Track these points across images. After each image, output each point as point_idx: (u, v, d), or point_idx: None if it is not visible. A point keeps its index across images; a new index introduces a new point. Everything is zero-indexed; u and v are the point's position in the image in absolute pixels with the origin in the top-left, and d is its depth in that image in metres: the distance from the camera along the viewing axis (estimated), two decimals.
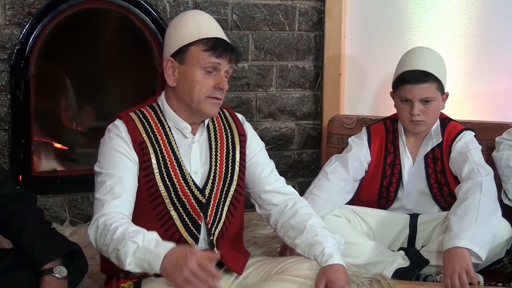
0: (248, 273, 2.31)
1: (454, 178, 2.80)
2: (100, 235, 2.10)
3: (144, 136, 2.24)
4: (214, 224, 2.27)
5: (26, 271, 2.14)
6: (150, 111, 2.30)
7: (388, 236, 2.83)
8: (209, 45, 2.22)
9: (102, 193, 2.17)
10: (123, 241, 2.01)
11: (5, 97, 3.09)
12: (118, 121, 2.26)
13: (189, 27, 2.26)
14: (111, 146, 2.22)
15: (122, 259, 2.00)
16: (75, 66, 3.46)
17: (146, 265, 1.99)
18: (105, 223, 2.10)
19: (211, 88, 2.23)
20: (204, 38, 2.23)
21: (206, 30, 2.26)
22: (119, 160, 2.20)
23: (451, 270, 2.43)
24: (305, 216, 2.35)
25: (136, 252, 1.99)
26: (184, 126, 2.29)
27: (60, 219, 3.21)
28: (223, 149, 2.34)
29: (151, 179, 2.22)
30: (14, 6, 3.06)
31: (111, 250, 2.05)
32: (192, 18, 2.30)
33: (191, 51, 2.23)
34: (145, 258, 1.99)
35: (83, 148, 3.49)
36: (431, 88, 2.74)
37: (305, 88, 3.70)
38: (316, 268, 2.22)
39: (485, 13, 3.50)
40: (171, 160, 2.25)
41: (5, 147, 3.12)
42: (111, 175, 2.18)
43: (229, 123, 2.41)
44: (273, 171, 2.45)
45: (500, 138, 2.94)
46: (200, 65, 2.22)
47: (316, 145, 3.74)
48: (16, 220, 2.22)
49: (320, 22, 3.64)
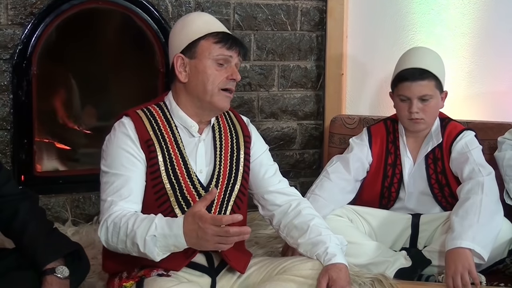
0: (250, 273, 2.31)
1: (455, 178, 2.80)
2: (112, 235, 2.11)
3: (151, 133, 2.24)
4: None
5: (28, 271, 2.14)
6: (157, 110, 2.31)
7: (390, 236, 2.83)
8: (219, 37, 2.25)
9: (109, 194, 2.17)
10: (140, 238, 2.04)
11: (7, 97, 3.09)
12: (125, 118, 2.26)
13: (195, 24, 2.28)
14: (118, 145, 2.21)
15: (149, 254, 2.05)
16: (77, 66, 3.46)
17: (173, 247, 2.05)
18: (114, 221, 2.11)
19: (224, 79, 2.25)
20: (213, 32, 2.26)
21: (214, 25, 2.29)
22: (126, 159, 2.20)
23: (453, 270, 2.43)
24: (309, 216, 2.35)
25: (157, 242, 2.03)
26: (192, 124, 2.29)
27: (62, 219, 3.21)
28: (227, 149, 2.35)
29: (157, 176, 2.22)
30: (16, 6, 3.07)
31: (129, 245, 2.07)
32: (197, 16, 2.34)
33: (201, 45, 2.25)
34: (168, 243, 2.03)
35: (85, 148, 3.49)
36: (429, 86, 2.75)
37: (307, 88, 3.69)
38: (318, 268, 2.22)
39: (487, 13, 3.50)
40: (177, 158, 2.25)
41: (7, 147, 3.12)
42: (118, 176, 2.18)
43: (234, 124, 2.41)
44: (276, 172, 2.46)
45: (502, 138, 2.94)
46: (212, 57, 2.24)
47: (318, 145, 3.74)
48: (18, 220, 2.22)
49: (322, 22, 3.64)
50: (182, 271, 2.23)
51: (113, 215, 2.12)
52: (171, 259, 2.15)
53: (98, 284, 2.47)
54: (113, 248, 2.14)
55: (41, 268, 2.14)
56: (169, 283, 2.09)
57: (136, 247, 2.06)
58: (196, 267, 2.25)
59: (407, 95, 2.76)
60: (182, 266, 2.22)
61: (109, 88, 3.57)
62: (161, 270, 2.18)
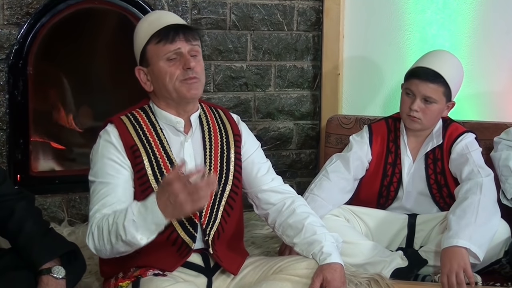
0: (246, 272, 2.31)
1: (454, 179, 2.81)
2: (98, 238, 2.12)
3: (136, 139, 2.24)
4: (209, 224, 2.27)
5: (24, 271, 2.14)
6: (142, 113, 2.32)
7: (387, 236, 2.83)
8: (159, 36, 2.24)
9: (95, 203, 2.18)
10: (121, 227, 2.04)
11: (3, 97, 3.09)
12: (109, 126, 2.27)
13: (141, 31, 2.30)
14: (102, 154, 2.23)
15: (132, 240, 2.04)
16: (73, 66, 3.46)
17: (154, 226, 2.03)
18: (97, 225, 2.12)
19: (180, 72, 2.23)
20: (153, 32, 2.25)
21: (155, 24, 2.27)
22: (111, 167, 2.20)
23: (449, 268, 2.43)
24: (303, 214, 2.35)
25: (137, 225, 2.02)
26: (177, 120, 2.29)
27: (58, 219, 3.21)
28: (217, 149, 2.34)
29: (145, 181, 2.22)
30: (12, 6, 3.06)
31: (114, 240, 2.07)
32: (143, 21, 2.34)
33: (148, 51, 2.26)
34: (147, 223, 2.02)
35: (81, 148, 3.49)
36: (437, 90, 2.75)
37: (303, 88, 3.69)
38: (314, 267, 2.22)
39: (483, 13, 3.50)
40: (164, 160, 2.25)
41: (3, 147, 3.12)
42: (103, 184, 2.19)
43: (223, 123, 2.40)
44: (269, 170, 2.45)
45: (498, 138, 2.94)
46: (161, 58, 2.23)
47: (315, 145, 3.74)
48: (14, 220, 2.22)
49: (319, 22, 3.64)
50: (178, 271, 2.23)
51: (96, 221, 2.13)
52: (166, 259, 2.15)
53: (95, 284, 2.47)
54: (103, 253, 2.14)
55: (37, 268, 2.14)
56: (165, 283, 2.09)
57: (120, 238, 2.05)
58: (192, 267, 2.25)
59: (413, 91, 2.77)
60: (177, 266, 2.22)
61: (105, 88, 3.57)
62: (157, 270, 2.18)
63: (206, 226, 2.26)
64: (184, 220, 2.23)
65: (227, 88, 3.54)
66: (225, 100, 3.52)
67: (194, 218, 2.24)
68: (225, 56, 3.50)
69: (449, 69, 2.79)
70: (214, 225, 2.28)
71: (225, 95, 3.53)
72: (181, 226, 2.23)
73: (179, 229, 2.23)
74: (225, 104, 3.49)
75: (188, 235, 2.23)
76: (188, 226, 2.24)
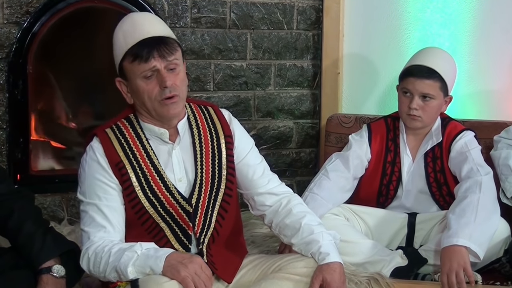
0: (245, 271, 2.30)
1: (453, 177, 2.81)
2: (94, 264, 2.12)
3: (122, 154, 2.21)
4: (203, 233, 2.25)
5: (24, 270, 2.14)
6: (126, 124, 2.26)
7: (386, 235, 2.83)
8: (133, 54, 2.14)
9: (86, 224, 2.18)
10: (121, 255, 2.06)
11: (3, 96, 3.09)
12: (94, 141, 2.22)
13: (119, 42, 2.20)
14: (90, 173, 2.20)
15: (123, 270, 2.05)
16: (73, 65, 3.45)
17: (148, 269, 2.05)
18: (95, 251, 2.12)
19: (157, 91, 2.16)
20: (128, 48, 2.16)
21: (130, 37, 2.17)
22: (99, 188, 2.19)
23: (449, 267, 2.43)
24: (300, 214, 2.32)
25: (136, 260, 2.05)
26: (161, 132, 2.24)
27: (58, 218, 3.21)
28: (208, 154, 2.29)
29: (134, 198, 2.20)
30: (12, 5, 3.06)
31: (109, 271, 2.09)
32: (119, 30, 2.22)
33: (125, 67, 2.19)
34: (146, 264, 2.05)
35: (81, 147, 3.47)
36: (434, 86, 2.75)
37: (303, 87, 3.69)
38: (313, 265, 2.22)
39: (483, 11, 3.50)
40: (152, 173, 2.22)
41: (3, 146, 3.12)
42: (92, 205, 2.18)
43: (214, 124, 2.34)
44: (265, 171, 2.39)
45: (498, 136, 2.94)
46: (137, 76, 2.16)
47: (314, 144, 3.74)
48: (14, 219, 2.22)
49: (318, 21, 3.64)
50: None
51: (94, 245, 2.13)
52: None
53: (94, 284, 2.47)
54: (96, 276, 2.16)
55: (37, 267, 2.14)
56: (164, 278, 2.07)
57: (115, 269, 2.07)
58: None
59: (410, 90, 2.77)
60: None
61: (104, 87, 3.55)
62: None
63: (199, 235, 2.24)
64: (177, 231, 2.22)
65: (227, 87, 3.53)
66: (225, 99, 3.52)
67: (187, 229, 2.23)
68: (225, 55, 3.50)
69: (442, 64, 2.79)
70: (208, 232, 2.26)
71: (225, 94, 3.53)
72: (174, 237, 2.22)
73: (173, 241, 2.22)
74: (225, 103, 3.49)
75: (182, 246, 2.22)
76: (181, 237, 2.23)
